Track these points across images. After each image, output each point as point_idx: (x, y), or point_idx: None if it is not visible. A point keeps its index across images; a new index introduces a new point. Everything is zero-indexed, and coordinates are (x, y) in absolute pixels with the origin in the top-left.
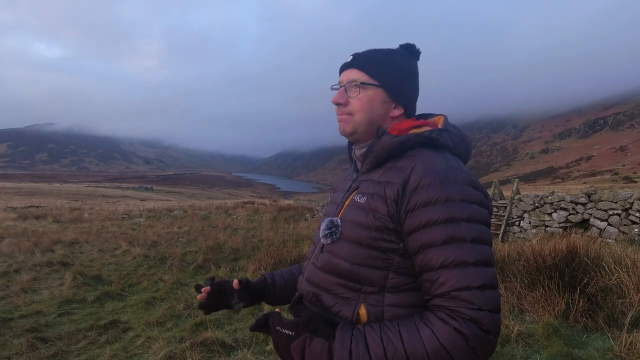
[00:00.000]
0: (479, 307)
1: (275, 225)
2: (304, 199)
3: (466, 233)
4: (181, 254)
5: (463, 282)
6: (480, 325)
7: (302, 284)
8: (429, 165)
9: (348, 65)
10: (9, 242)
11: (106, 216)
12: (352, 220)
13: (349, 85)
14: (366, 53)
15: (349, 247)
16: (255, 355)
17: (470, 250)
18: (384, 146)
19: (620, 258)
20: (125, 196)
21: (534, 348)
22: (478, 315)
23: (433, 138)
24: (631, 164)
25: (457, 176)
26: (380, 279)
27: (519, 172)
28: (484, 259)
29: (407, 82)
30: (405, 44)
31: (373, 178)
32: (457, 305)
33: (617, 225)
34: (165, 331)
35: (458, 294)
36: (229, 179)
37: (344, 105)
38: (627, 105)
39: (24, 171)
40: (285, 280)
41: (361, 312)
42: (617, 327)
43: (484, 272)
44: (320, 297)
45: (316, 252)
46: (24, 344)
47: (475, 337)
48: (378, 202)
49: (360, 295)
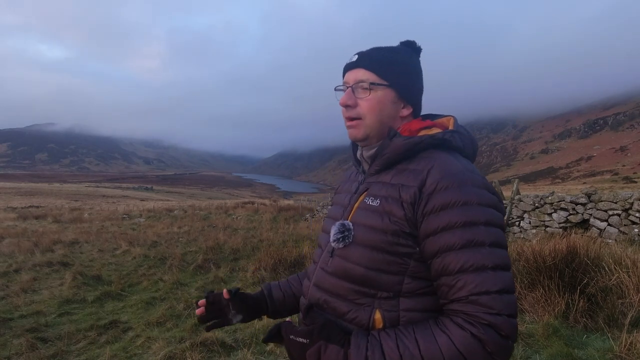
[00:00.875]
0: (497, 311)
1: (275, 225)
2: (304, 199)
3: (485, 237)
4: (181, 254)
5: (482, 286)
6: (498, 330)
7: (310, 289)
8: (445, 167)
9: (354, 65)
10: (9, 242)
11: (106, 216)
12: (365, 224)
13: (357, 86)
14: (372, 52)
15: (362, 251)
16: (255, 356)
17: (489, 254)
18: (397, 148)
19: (620, 258)
20: (125, 196)
21: (534, 348)
22: (497, 321)
23: (446, 140)
24: (631, 164)
25: (474, 179)
26: (395, 284)
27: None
28: (503, 263)
29: (414, 80)
30: (406, 41)
31: (384, 180)
32: (476, 310)
33: (617, 226)
34: (165, 331)
35: (477, 299)
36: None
37: (353, 107)
38: (627, 105)
39: (24, 171)
40: (283, 292)
41: (376, 317)
42: (617, 328)
43: (503, 276)
44: (331, 303)
45: (325, 257)
46: (24, 344)
47: (493, 342)
48: (393, 205)
49: (375, 301)
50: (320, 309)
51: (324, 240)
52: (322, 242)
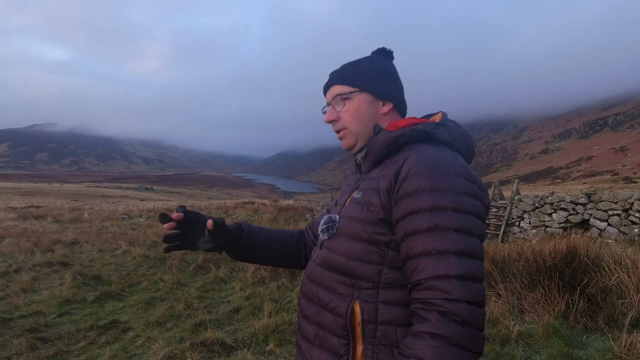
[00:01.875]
0: (456, 298)
1: (275, 225)
2: (304, 199)
3: (451, 222)
4: (181, 254)
5: (441, 269)
6: (456, 317)
7: (302, 282)
8: (421, 156)
9: (328, 85)
10: (9, 242)
11: (106, 216)
12: (349, 215)
13: (334, 101)
14: (340, 68)
15: (344, 241)
16: (255, 356)
17: (454, 240)
18: (380, 142)
19: (620, 258)
20: (125, 196)
21: (534, 348)
22: (456, 308)
23: (428, 132)
24: (631, 165)
25: (449, 167)
26: (374, 274)
27: (519, 173)
28: (469, 250)
29: (385, 79)
30: (376, 49)
31: (372, 175)
32: (433, 296)
33: (617, 226)
34: (165, 331)
35: (435, 283)
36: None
37: (336, 120)
38: (627, 105)
39: (24, 171)
40: (262, 238)
41: (355, 308)
42: (617, 328)
43: (468, 263)
44: (317, 292)
45: (315, 249)
46: (24, 344)
47: (455, 335)
48: (373, 195)
49: (355, 291)
50: (310, 300)
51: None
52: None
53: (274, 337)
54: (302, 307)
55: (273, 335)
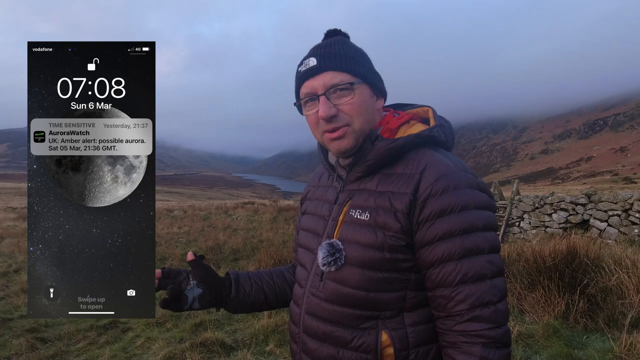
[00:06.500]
0: (498, 324)
1: (275, 225)
2: None
3: (484, 243)
4: (181, 254)
5: (484, 297)
6: (497, 343)
7: (303, 319)
8: (438, 169)
9: (316, 70)
10: (9, 242)
11: None
12: (358, 241)
13: (333, 91)
14: (329, 50)
15: (360, 273)
16: (255, 356)
17: (489, 262)
18: (380, 153)
19: (620, 259)
20: None
21: (534, 349)
22: (497, 334)
23: (432, 137)
24: (631, 165)
25: (468, 180)
26: (398, 300)
27: (519, 173)
28: (499, 269)
29: (373, 68)
30: (332, 30)
31: (369, 188)
32: (479, 328)
33: (617, 226)
34: (165, 331)
35: (480, 313)
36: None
37: (335, 116)
38: (627, 106)
39: (24, 171)
40: (252, 282)
41: (384, 339)
42: (617, 328)
43: (502, 283)
44: (333, 333)
45: (313, 280)
46: (24, 344)
47: (497, 358)
48: (387, 217)
49: (379, 322)
50: (323, 341)
51: (306, 258)
52: (305, 260)
53: (274, 338)
54: (309, 348)
55: (273, 336)
